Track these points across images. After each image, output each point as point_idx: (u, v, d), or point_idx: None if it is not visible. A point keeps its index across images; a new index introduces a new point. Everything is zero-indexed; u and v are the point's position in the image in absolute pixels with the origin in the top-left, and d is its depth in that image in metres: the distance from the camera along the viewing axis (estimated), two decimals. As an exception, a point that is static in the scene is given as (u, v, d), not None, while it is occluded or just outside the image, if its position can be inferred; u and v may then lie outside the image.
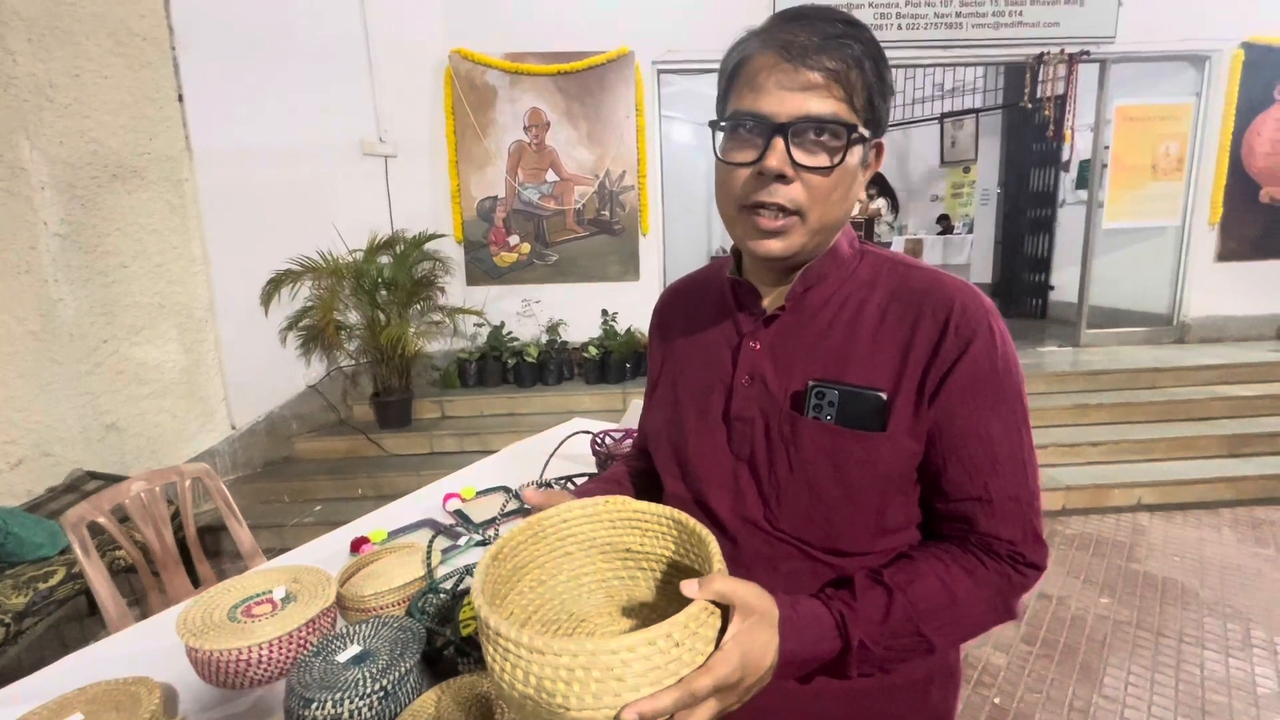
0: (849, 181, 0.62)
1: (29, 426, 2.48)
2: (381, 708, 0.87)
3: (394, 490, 3.24)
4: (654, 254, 4.39)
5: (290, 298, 3.69)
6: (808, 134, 0.59)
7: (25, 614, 1.81)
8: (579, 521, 0.68)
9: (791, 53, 0.57)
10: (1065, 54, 4.28)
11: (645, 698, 0.47)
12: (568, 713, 0.48)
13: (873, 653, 0.59)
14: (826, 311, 0.67)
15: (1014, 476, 0.62)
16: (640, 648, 0.47)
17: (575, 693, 0.47)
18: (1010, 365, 0.63)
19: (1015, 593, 0.63)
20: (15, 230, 2.45)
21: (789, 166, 0.59)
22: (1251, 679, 2.09)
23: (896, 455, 0.62)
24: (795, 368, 0.66)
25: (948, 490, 0.63)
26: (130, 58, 2.90)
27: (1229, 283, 4.71)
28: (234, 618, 1.06)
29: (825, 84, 0.58)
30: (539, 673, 0.48)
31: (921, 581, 0.62)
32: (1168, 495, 3.31)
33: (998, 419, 0.61)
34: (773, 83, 0.59)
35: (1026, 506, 0.63)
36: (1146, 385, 4.03)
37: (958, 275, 0.68)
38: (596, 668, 0.47)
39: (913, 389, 0.62)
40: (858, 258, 0.69)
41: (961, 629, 0.63)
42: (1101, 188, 4.65)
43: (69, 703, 0.89)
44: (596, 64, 4.09)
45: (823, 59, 0.57)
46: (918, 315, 0.63)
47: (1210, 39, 4.36)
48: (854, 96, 0.59)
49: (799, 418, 0.64)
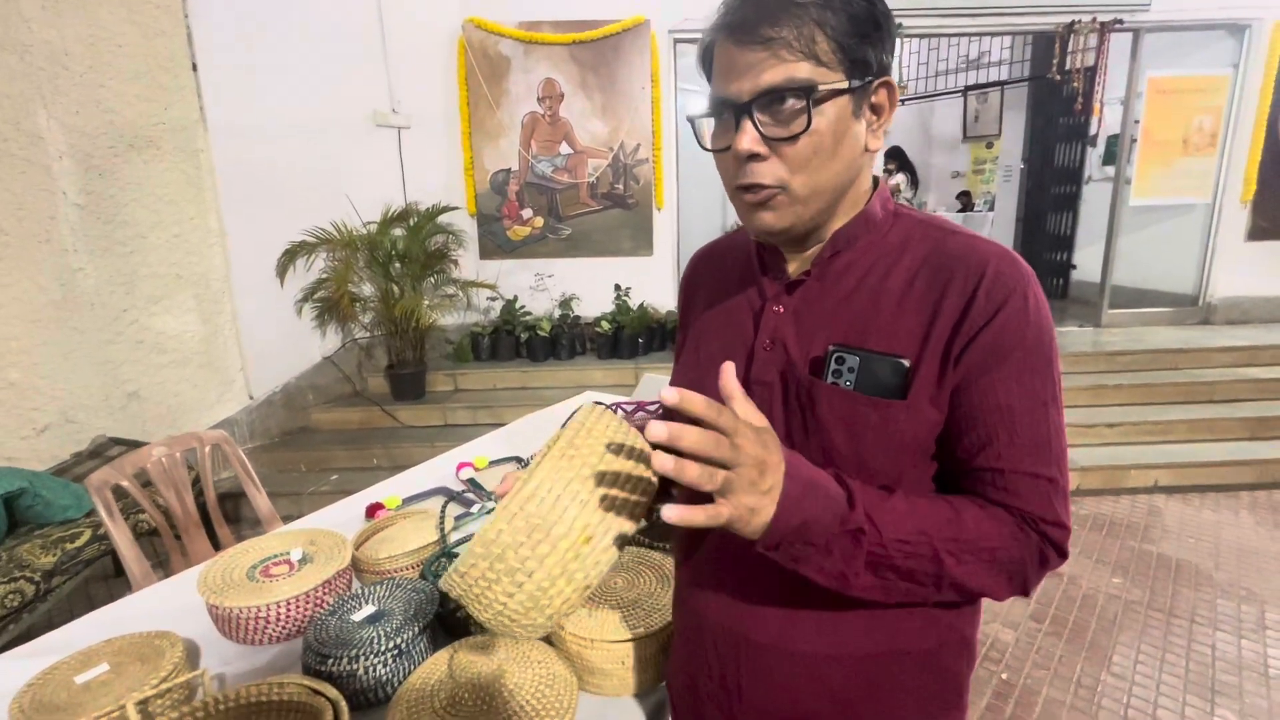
0: (832, 140, 0.59)
1: (53, 394, 2.53)
2: (395, 665, 0.89)
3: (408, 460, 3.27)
4: (668, 229, 4.35)
5: (305, 269, 3.71)
6: (772, 106, 0.57)
7: (54, 573, 1.87)
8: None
9: (737, 33, 0.58)
10: (1097, 22, 4.13)
11: (678, 391, 0.46)
12: (508, 608, 0.52)
13: (879, 531, 0.55)
14: (852, 275, 0.65)
15: (1032, 452, 0.59)
16: (514, 519, 0.50)
17: (500, 589, 0.51)
18: (1043, 337, 0.59)
19: (1031, 555, 0.59)
20: (35, 199, 2.48)
21: (759, 145, 0.58)
22: (1264, 660, 2.08)
23: (916, 424, 0.60)
24: (817, 333, 0.65)
25: (962, 459, 0.61)
26: (144, 26, 2.89)
27: (1259, 263, 4.57)
28: (252, 577, 1.08)
29: (773, 51, 0.56)
30: (476, 595, 0.52)
31: (926, 498, 0.60)
32: (1185, 477, 3.27)
33: (1021, 390, 0.58)
34: (728, 64, 0.59)
35: (1047, 485, 0.59)
36: (1168, 366, 3.95)
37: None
38: (494, 559, 0.50)
39: (937, 356, 0.60)
40: (891, 221, 0.67)
41: (972, 555, 0.58)
42: (1130, 164, 4.51)
43: (96, 654, 0.92)
44: (611, 33, 4.01)
45: (763, 29, 0.56)
46: (948, 279, 0.60)
47: (1251, 7, 4.17)
48: (816, 50, 0.56)
49: (817, 382, 0.63)
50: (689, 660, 0.76)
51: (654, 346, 4.22)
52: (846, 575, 0.56)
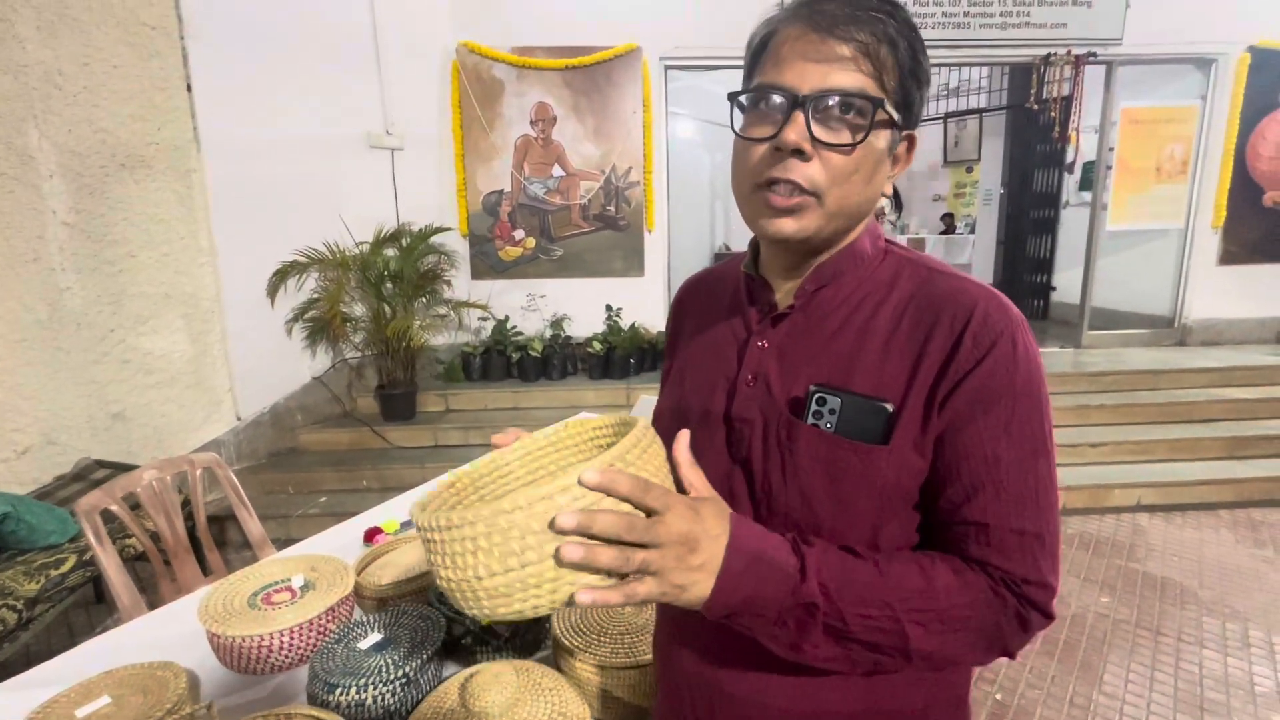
0: (872, 165, 0.58)
1: (36, 415, 2.48)
2: (404, 694, 0.88)
3: (399, 482, 3.26)
4: (659, 250, 4.40)
5: (296, 289, 3.69)
6: (831, 109, 0.55)
7: (37, 600, 1.82)
8: (544, 452, 0.65)
9: (818, 23, 0.55)
10: (1072, 55, 4.29)
11: (602, 471, 0.44)
12: (480, 583, 0.46)
13: (837, 607, 0.52)
14: (839, 313, 0.63)
15: (1020, 507, 0.55)
16: (536, 504, 0.44)
17: (482, 561, 0.45)
18: (1032, 384, 0.56)
19: (1010, 621, 0.55)
20: (23, 218, 2.45)
21: (807, 142, 0.55)
22: (1249, 677, 2.11)
23: (898, 471, 0.57)
24: (800, 370, 0.63)
25: (945, 512, 0.57)
26: (139, 47, 2.89)
27: (1231, 286, 4.73)
28: (254, 605, 1.07)
29: (853, 56, 0.54)
30: (451, 550, 0.46)
31: (897, 561, 0.56)
32: (1168, 496, 3.33)
33: (1008, 439, 0.55)
34: (796, 54, 0.55)
35: (1034, 542, 0.55)
36: (1147, 387, 4.05)
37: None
38: (496, 531, 0.44)
39: (921, 400, 0.57)
40: (880, 257, 0.65)
41: (941, 628, 0.54)
42: (1105, 190, 4.66)
43: (96, 686, 0.91)
44: (604, 59, 4.08)
45: (851, 30, 0.54)
46: (935, 322, 0.58)
47: (1217, 42, 4.36)
48: (884, 74, 0.55)
49: (797, 423, 0.60)
50: (670, 711, 0.73)
51: (645, 367, 4.24)
52: (802, 646, 0.54)
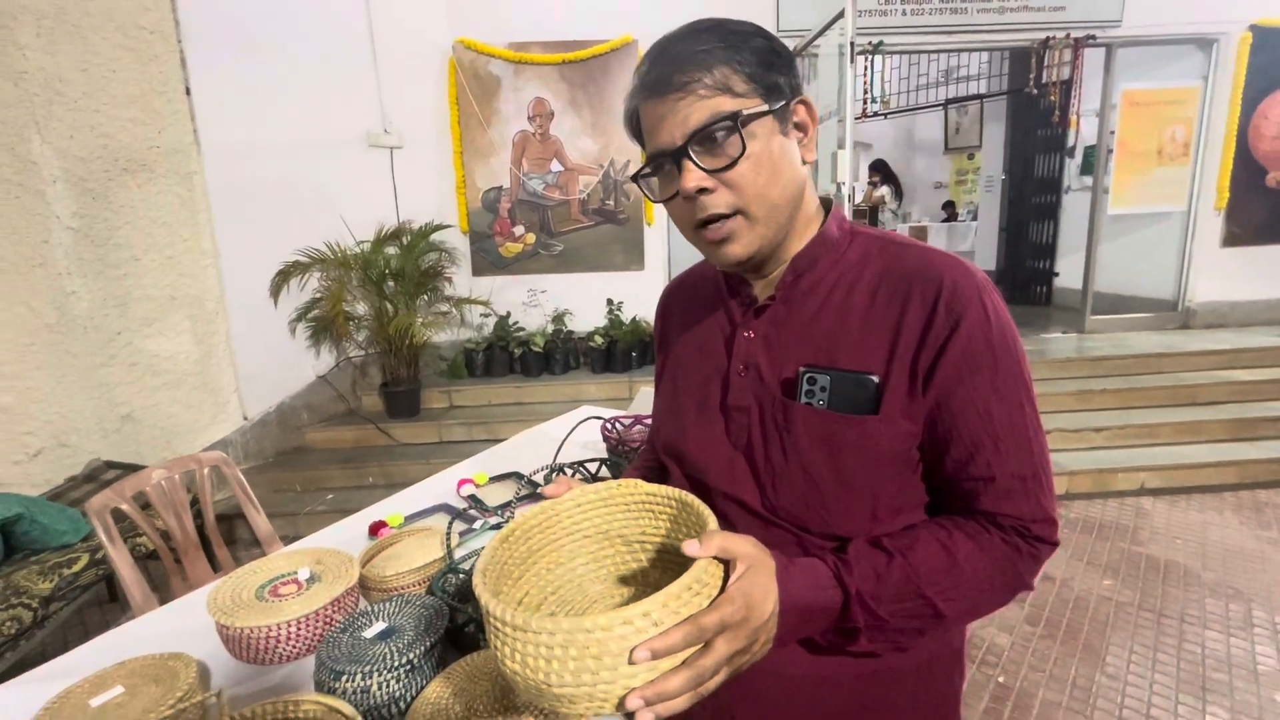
0: (773, 159, 0.62)
1: (47, 418, 2.52)
2: (408, 680, 0.90)
3: (404, 478, 3.29)
4: (658, 243, 4.41)
5: (299, 289, 3.72)
6: (705, 143, 0.61)
7: (51, 599, 1.86)
8: (593, 506, 0.68)
9: (656, 90, 0.61)
10: (1071, 38, 4.26)
11: (656, 636, 0.46)
12: (550, 689, 0.48)
13: (877, 614, 0.58)
14: (816, 296, 0.67)
15: (1018, 454, 0.61)
16: (616, 626, 0.46)
17: (555, 670, 0.47)
18: (1007, 340, 0.62)
19: (1025, 562, 0.62)
20: (29, 224, 2.48)
21: (705, 179, 0.61)
22: (1252, 657, 2.12)
23: (892, 437, 0.62)
24: (788, 355, 0.67)
25: (951, 472, 0.63)
26: (138, 51, 2.91)
27: (1234, 268, 4.70)
28: (261, 597, 1.09)
29: (693, 95, 0.60)
30: (524, 650, 0.49)
31: (921, 545, 0.61)
32: (1171, 479, 3.33)
33: (997, 396, 0.61)
34: (655, 119, 0.62)
35: (1034, 483, 0.61)
36: (1151, 370, 4.04)
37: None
38: (574, 645, 0.46)
39: (905, 371, 0.62)
40: (848, 239, 0.69)
41: (969, 595, 0.61)
42: (1107, 173, 4.63)
43: (110, 677, 0.93)
44: (600, 53, 4.08)
45: (678, 78, 0.60)
46: (907, 296, 0.63)
47: (1218, 22, 4.32)
48: (732, 85, 0.60)
49: (791, 404, 0.65)
50: None
51: (647, 360, 4.26)
52: (845, 647, 0.62)
